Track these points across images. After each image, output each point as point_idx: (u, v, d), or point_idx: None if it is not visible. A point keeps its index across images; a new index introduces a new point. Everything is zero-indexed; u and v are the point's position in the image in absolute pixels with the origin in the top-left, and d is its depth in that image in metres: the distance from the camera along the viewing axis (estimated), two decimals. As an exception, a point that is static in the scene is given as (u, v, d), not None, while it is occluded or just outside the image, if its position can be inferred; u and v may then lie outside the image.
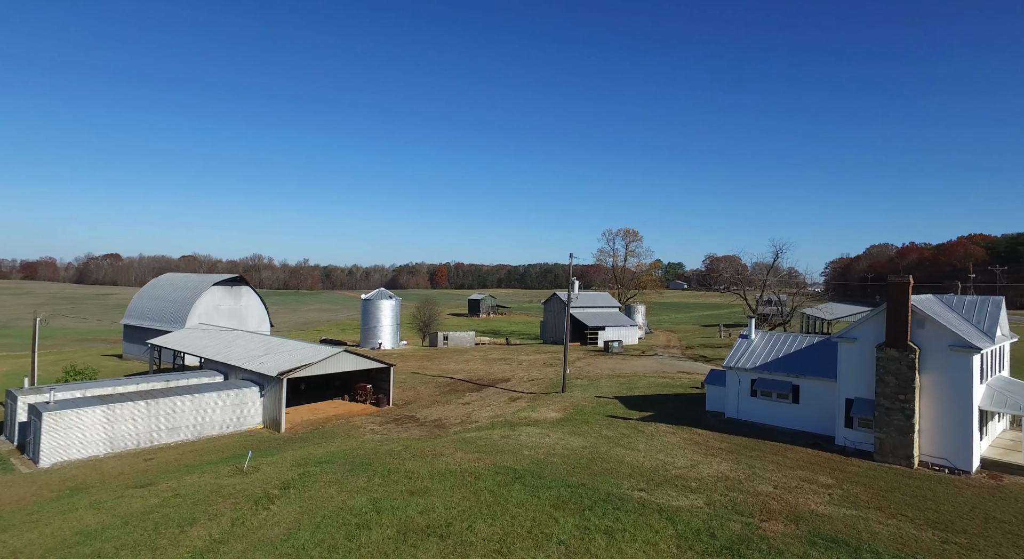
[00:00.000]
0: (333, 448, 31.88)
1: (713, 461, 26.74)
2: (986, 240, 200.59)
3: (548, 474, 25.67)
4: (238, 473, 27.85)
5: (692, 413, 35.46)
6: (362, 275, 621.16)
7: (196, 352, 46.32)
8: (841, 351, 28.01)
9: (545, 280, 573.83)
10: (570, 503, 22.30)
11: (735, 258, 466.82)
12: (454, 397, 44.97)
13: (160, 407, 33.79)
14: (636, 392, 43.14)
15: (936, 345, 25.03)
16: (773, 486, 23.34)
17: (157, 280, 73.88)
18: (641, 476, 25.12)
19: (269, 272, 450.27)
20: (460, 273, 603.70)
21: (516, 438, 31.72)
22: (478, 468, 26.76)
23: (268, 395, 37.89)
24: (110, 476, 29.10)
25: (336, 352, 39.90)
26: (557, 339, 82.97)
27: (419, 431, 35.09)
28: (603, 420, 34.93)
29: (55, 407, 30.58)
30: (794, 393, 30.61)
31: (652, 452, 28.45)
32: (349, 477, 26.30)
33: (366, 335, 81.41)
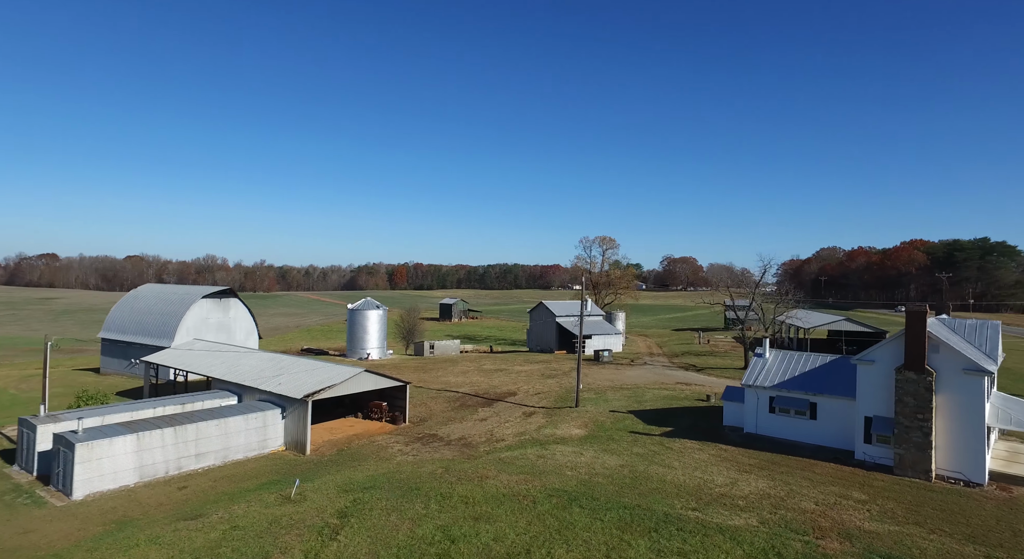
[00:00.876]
0: (371, 471, 32.15)
1: (749, 478, 28.52)
2: (925, 245, 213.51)
3: (599, 495, 26.87)
4: (285, 501, 27.92)
5: (710, 428, 37.34)
6: (319, 276, 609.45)
7: (203, 371, 45.44)
8: (860, 373, 30.26)
9: (505, 281, 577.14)
10: (633, 525, 23.55)
11: (691, 259, 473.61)
12: (468, 413, 45.62)
13: (188, 433, 33.31)
14: (647, 406, 44.84)
15: (950, 368, 27.47)
16: (814, 503, 25.21)
17: (137, 292, 71.35)
18: (688, 495, 26.62)
19: (223, 273, 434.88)
20: (419, 273, 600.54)
21: (552, 458, 32.78)
22: (529, 490, 27.72)
23: (290, 417, 37.73)
24: (149, 507, 28.62)
25: (357, 372, 40.03)
26: (544, 348, 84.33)
27: (450, 451, 35.68)
28: (628, 437, 36.39)
29: (86, 437, 29.82)
30: (811, 410, 32.78)
31: (688, 469, 30.04)
32: (404, 503, 26.82)
33: (353, 345, 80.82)
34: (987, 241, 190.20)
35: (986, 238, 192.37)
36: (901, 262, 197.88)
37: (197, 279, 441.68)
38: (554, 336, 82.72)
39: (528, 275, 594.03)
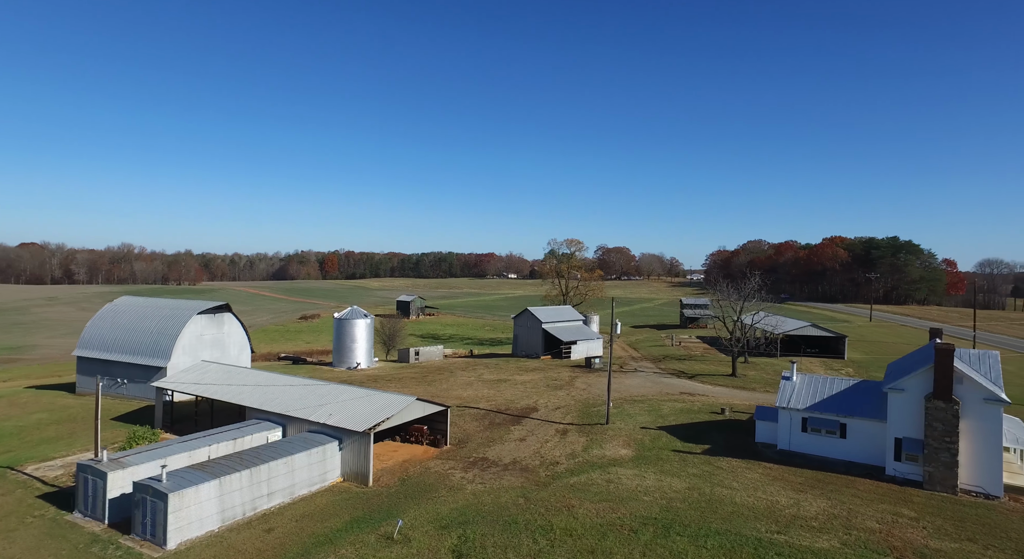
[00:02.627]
0: (451, 504, 33.32)
1: (808, 498, 32.17)
2: (845, 242, 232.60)
3: (688, 521, 29.62)
4: (389, 542, 28.84)
5: (744, 445, 41.10)
6: (245, 265, 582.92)
7: (232, 399, 44.52)
8: (891, 399, 34.61)
9: (439, 269, 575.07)
10: (735, 552, 26.45)
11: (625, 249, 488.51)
12: (501, 432, 47.25)
13: (261, 473, 33.23)
14: (670, 421, 48.23)
15: (972, 397, 32.17)
16: (876, 522, 29.11)
17: (114, 307, 67.26)
18: (765, 517, 29.87)
19: (143, 264, 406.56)
20: (351, 262, 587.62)
21: (620, 482, 35.26)
22: (622, 519, 30.08)
23: (347, 449, 38.11)
24: (247, 553, 28.63)
25: (410, 402, 40.81)
26: (529, 353, 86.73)
27: (513, 478, 37.33)
28: (675, 457, 39.47)
29: (174, 485, 29.37)
30: (841, 430, 37.03)
31: (749, 490, 33.40)
32: (511, 539, 28.48)
33: (341, 355, 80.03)
34: (897, 240, 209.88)
35: (896, 237, 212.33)
36: (825, 258, 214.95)
37: (112, 270, 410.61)
38: (540, 341, 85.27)
39: (463, 263, 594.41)
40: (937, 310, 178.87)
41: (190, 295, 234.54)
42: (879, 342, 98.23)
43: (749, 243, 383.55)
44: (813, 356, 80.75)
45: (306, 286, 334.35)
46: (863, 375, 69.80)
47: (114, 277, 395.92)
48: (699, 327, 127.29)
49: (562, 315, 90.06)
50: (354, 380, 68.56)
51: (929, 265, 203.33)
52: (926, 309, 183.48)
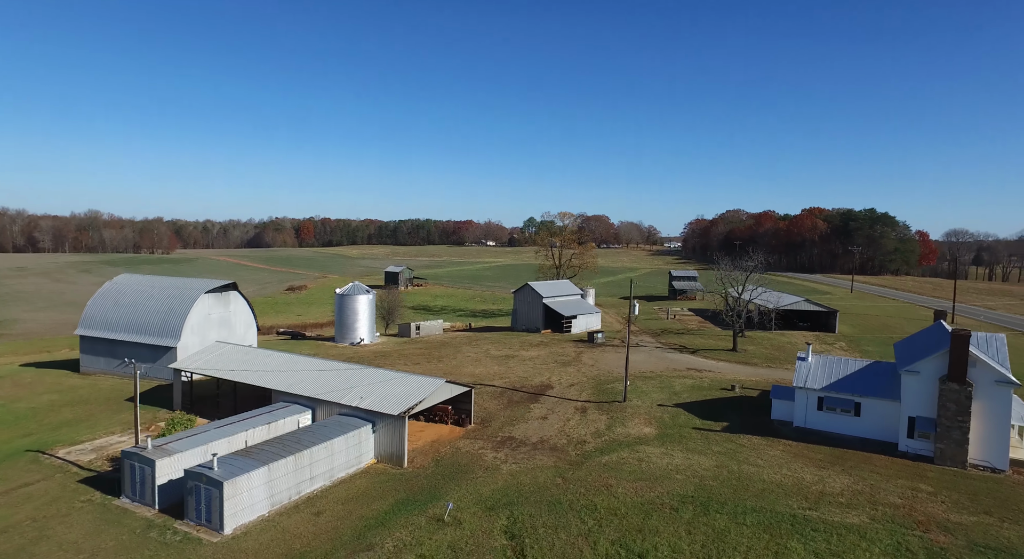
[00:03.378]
0: (492, 484, 34.43)
1: (830, 474, 34.13)
2: (824, 213, 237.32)
3: (724, 499, 31.27)
4: (440, 523, 29.91)
5: (761, 423, 43.03)
6: (219, 232, 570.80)
7: (256, 381, 44.67)
8: (906, 381, 36.53)
9: (417, 236, 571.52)
10: (774, 529, 28.19)
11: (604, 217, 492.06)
12: (522, 411, 48.43)
13: (304, 459, 33.84)
14: (684, 397, 49.99)
15: (985, 380, 34.19)
16: (899, 497, 31.16)
17: (115, 285, 65.87)
18: (795, 494, 31.70)
19: (112, 231, 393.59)
20: (327, 229, 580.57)
21: (650, 461, 36.81)
22: (661, 498, 31.63)
23: (380, 431, 38.85)
24: (305, 538, 29.38)
25: (440, 384, 41.54)
26: (529, 327, 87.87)
27: (544, 457, 38.59)
28: (696, 434, 41.19)
29: (227, 473, 29.85)
30: (856, 408, 39.03)
31: (774, 467, 35.25)
32: (559, 519, 29.80)
33: (343, 331, 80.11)
34: (874, 212, 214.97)
35: (873, 209, 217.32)
36: (805, 229, 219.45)
37: (79, 237, 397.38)
38: (541, 316, 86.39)
39: (441, 231, 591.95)
40: (911, 281, 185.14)
41: (166, 265, 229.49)
42: (865, 315, 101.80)
43: (728, 213, 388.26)
44: (805, 330, 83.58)
45: (285, 254, 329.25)
46: (855, 348, 72.78)
47: (81, 245, 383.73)
48: (688, 299, 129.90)
49: (561, 290, 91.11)
50: (361, 357, 69.00)
51: (904, 236, 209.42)
52: (900, 279, 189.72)
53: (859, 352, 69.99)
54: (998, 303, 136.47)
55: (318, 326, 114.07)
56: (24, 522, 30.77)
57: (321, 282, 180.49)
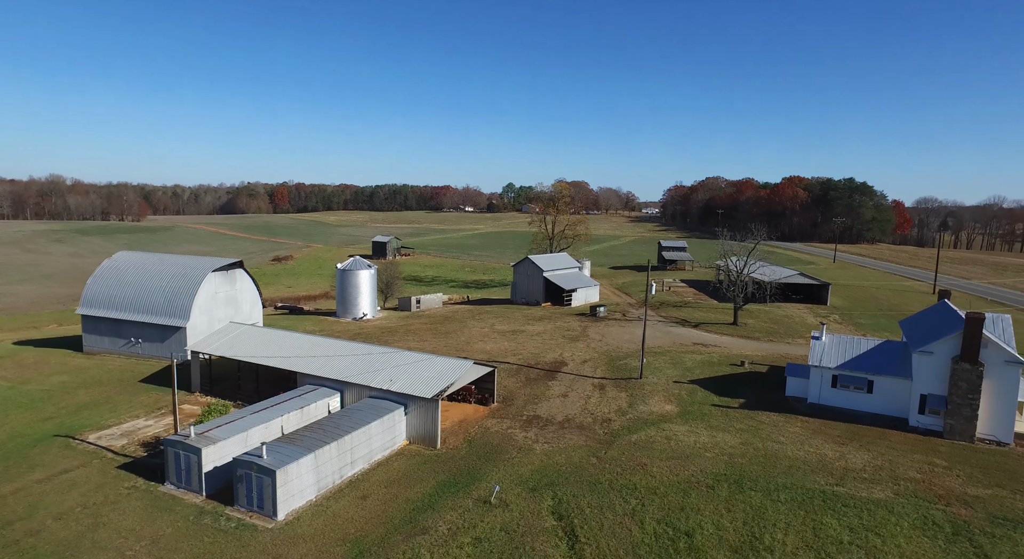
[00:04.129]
0: (529, 465, 35.48)
1: (850, 450, 36.06)
2: (804, 182, 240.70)
3: (756, 477, 32.93)
4: (487, 505, 30.98)
5: (775, 399, 44.85)
6: (190, 198, 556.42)
7: (280, 364, 44.76)
8: (919, 360, 38.40)
9: (395, 202, 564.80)
10: (808, 505, 29.92)
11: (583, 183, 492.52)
12: (540, 388, 49.46)
13: (345, 444, 34.43)
14: (696, 374, 51.61)
15: (995, 360, 36.15)
16: (917, 472, 33.19)
17: (115, 264, 64.24)
18: (820, 470, 33.50)
19: (79, 197, 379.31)
20: (302, 194, 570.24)
21: (677, 439, 38.31)
22: (696, 476, 33.15)
23: (412, 414, 39.53)
24: (355, 521, 30.14)
25: (469, 366, 42.23)
26: (529, 301, 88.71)
27: (574, 436, 39.77)
28: (716, 412, 42.83)
29: (277, 461, 30.34)
30: (869, 386, 40.95)
31: (797, 444, 37.04)
32: (602, 499, 31.11)
33: (345, 306, 79.93)
34: (853, 181, 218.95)
35: (852, 178, 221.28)
36: (786, 198, 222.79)
37: (41, 203, 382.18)
38: (541, 289, 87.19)
39: (418, 196, 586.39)
40: (888, 250, 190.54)
41: (143, 234, 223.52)
42: (852, 287, 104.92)
43: (707, 179, 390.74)
44: (798, 302, 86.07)
45: (264, 222, 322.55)
46: (848, 321, 75.43)
47: (45, 211, 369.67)
48: (678, 269, 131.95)
49: (560, 263, 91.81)
50: (367, 333, 69.20)
51: (881, 206, 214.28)
52: (877, 248, 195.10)
53: (853, 325, 72.65)
54: (970, 271, 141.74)
55: (311, 299, 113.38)
56: (75, 508, 30.99)
57: (306, 252, 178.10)
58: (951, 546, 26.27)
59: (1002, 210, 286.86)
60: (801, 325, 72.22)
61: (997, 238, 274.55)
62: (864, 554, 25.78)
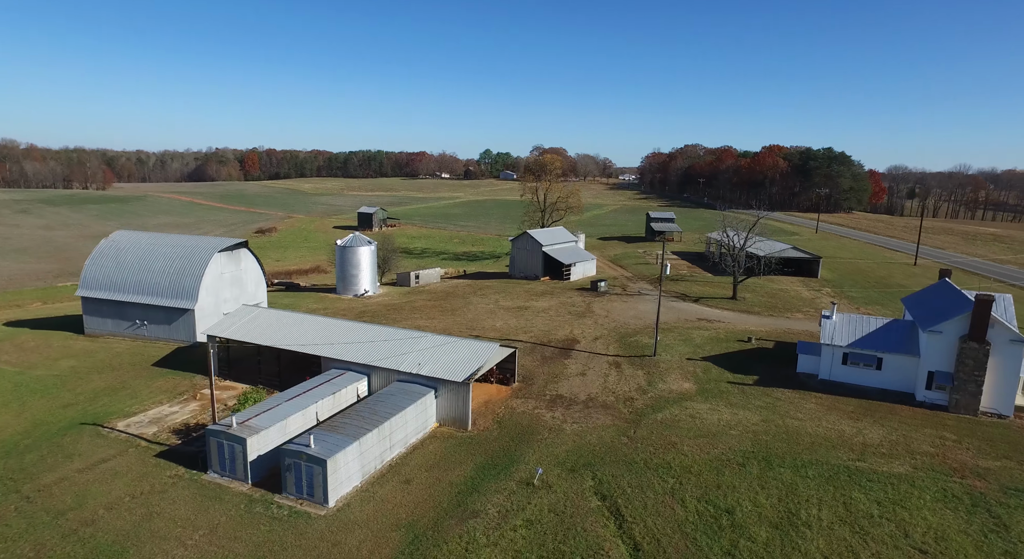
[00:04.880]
0: (563, 446, 36.58)
1: (865, 425, 38.07)
2: (783, 151, 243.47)
3: (782, 454, 34.65)
4: (531, 488, 32.10)
5: (787, 375, 46.71)
6: (156, 164, 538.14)
7: (303, 349, 44.76)
8: (929, 339, 40.37)
9: (369, 168, 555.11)
10: (834, 480, 31.75)
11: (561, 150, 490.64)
12: (557, 367, 50.48)
13: (385, 430, 35.03)
14: (707, 350, 53.24)
15: (1001, 339, 38.25)
16: (930, 446, 35.33)
17: (114, 244, 62.38)
18: (841, 446, 35.39)
19: (36, 164, 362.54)
20: (273, 161, 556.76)
21: (700, 418, 39.87)
22: (726, 455, 34.76)
23: (443, 397, 40.22)
24: (404, 505, 30.92)
25: (495, 348, 42.87)
26: (528, 275, 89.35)
27: (600, 416, 40.94)
28: (733, 389, 44.51)
29: (326, 450, 30.85)
30: (878, 363, 42.97)
31: (814, 420, 38.92)
32: (642, 479, 32.50)
33: (346, 283, 79.53)
34: (832, 151, 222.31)
35: (831, 148, 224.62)
36: (766, 167, 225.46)
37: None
38: (540, 264, 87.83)
39: (394, 163, 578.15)
40: (864, 219, 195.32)
41: (114, 204, 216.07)
42: (839, 259, 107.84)
43: (686, 147, 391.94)
44: (790, 275, 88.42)
45: (236, 190, 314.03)
46: (840, 294, 78.02)
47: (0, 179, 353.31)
48: (667, 240, 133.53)
49: (558, 237, 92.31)
50: (373, 311, 69.24)
51: (858, 175, 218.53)
52: (854, 218, 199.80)
53: (846, 299, 75.22)
54: (944, 241, 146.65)
55: (302, 273, 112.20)
56: (124, 498, 31.18)
57: (288, 223, 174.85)
58: (972, 517, 28.36)
59: (967, 177, 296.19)
60: (797, 299, 74.54)
61: (961, 205, 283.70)
62: (895, 527, 27.68)
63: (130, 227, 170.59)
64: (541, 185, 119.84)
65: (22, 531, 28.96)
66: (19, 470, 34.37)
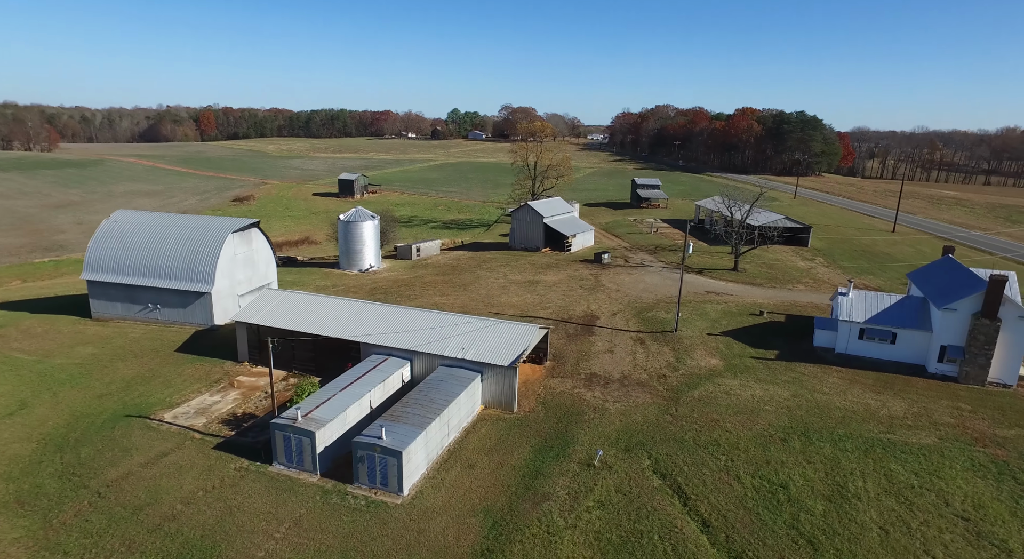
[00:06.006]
0: (611, 426, 38.17)
1: (887, 398, 40.90)
2: (757, 114, 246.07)
3: (819, 428, 37.12)
4: (593, 469, 33.76)
5: (805, 349, 49.27)
6: (103, 123, 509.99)
7: (341, 334, 44.91)
8: (943, 316, 43.16)
9: (332, 128, 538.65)
10: (871, 453, 34.41)
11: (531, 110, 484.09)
12: (583, 344, 51.85)
13: (444, 417, 36.03)
14: (723, 325, 55.42)
15: (1010, 315, 41.24)
16: (950, 417, 38.34)
17: (117, 225, 59.79)
18: (869, 419, 38.09)
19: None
20: (231, 120, 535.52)
21: (734, 394, 42.07)
22: (767, 430, 37.05)
23: (488, 380, 41.24)
24: (475, 490, 32.23)
25: (536, 330, 43.88)
26: (528, 246, 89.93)
27: (639, 394, 42.65)
28: (758, 365, 46.81)
29: (397, 442, 31.72)
30: (892, 338, 45.78)
31: (840, 394, 41.54)
32: (695, 457, 34.51)
33: (349, 257, 78.81)
34: (804, 114, 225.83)
35: (803, 111, 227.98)
36: (741, 130, 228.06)
37: None
38: (541, 236, 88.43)
39: (358, 122, 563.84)
40: (836, 183, 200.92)
41: (71, 170, 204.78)
42: (823, 226, 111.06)
43: (657, 108, 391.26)
44: (781, 244, 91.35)
45: (197, 152, 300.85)
46: (833, 263, 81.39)
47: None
48: (653, 207, 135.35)
49: (557, 208, 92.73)
50: (384, 287, 69.16)
51: (829, 139, 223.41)
52: (825, 181, 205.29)
53: (838, 268, 78.62)
54: (912, 206, 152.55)
55: (293, 245, 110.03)
56: (198, 493, 31.58)
57: (264, 190, 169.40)
58: (1001, 485, 31.36)
59: (923, 138, 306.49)
60: (794, 270, 77.49)
61: (918, 166, 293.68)
62: (935, 496, 30.45)
63: (96, 195, 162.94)
64: (531, 149, 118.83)
65: (104, 526, 29.26)
66: (79, 465, 34.27)
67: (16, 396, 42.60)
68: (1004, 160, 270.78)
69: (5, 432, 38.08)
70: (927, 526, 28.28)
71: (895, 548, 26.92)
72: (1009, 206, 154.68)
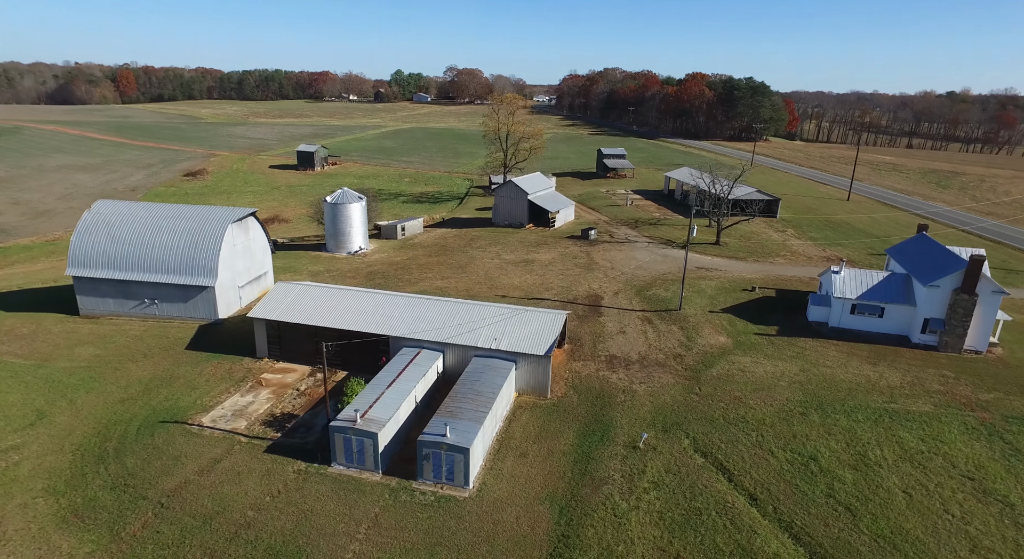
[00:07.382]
0: (643, 408, 40.71)
1: (882, 369, 45.12)
2: (707, 80, 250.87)
3: (832, 401, 40.82)
4: (639, 451, 36.26)
5: (801, 324, 53.12)
6: (3, 82, 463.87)
7: (368, 328, 45.14)
8: (927, 292, 47.60)
9: (268, 90, 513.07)
10: (881, 422, 38.39)
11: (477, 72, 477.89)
12: (595, 326, 53.89)
13: (494, 410, 37.50)
14: (721, 302, 58.69)
15: (986, 291, 46.01)
16: (939, 384, 42.90)
17: (101, 217, 55.94)
18: (872, 391, 42.14)
19: None
20: (153, 81, 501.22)
21: (748, 371, 45.32)
22: (786, 406, 40.48)
23: (522, 368, 42.80)
24: (533, 478, 33.99)
25: (563, 317, 45.51)
26: (512, 223, 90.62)
27: (661, 375, 45.10)
28: (763, 341, 50.27)
29: (461, 438, 33.02)
30: (881, 312, 50.15)
31: (842, 367, 45.49)
32: (728, 434, 37.51)
33: (337, 240, 77.51)
34: (753, 80, 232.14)
35: (752, 77, 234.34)
36: (693, 96, 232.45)
37: None
38: (525, 212, 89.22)
39: (295, 83, 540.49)
40: (785, 150, 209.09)
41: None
42: (786, 196, 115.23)
43: (606, 70, 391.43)
44: (749, 216, 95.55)
45: (124, 117, 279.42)
46: (803, 235, 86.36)
47: None
48: (620, 177, 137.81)
49: (539, 184, 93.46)
50: (379, 270, 68.86)
51: (776, 105, 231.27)
52: (774, 147, 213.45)
53: (808, 239, 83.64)
54: (857, 173, 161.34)
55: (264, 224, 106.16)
56: (264, 498, 32.02)
57: (216, 163, 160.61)
58: (992, 445, 35.90)
59: (855, 101, 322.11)
60: (771, 243, 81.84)
61: (850, 129, 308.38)
62: (942, 459, 34.62)
63: (25, 170, 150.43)
64: (503, 122, 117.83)
65: (177, 537, 29.49)
66: (128, 476, 33.89)
67: (30, 405, 41.01)
68: (922, 122, 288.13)
69: (33, 444, 36.93)
70: (942, 487, 32.33)
71: (920, 509, 30.77)
72: (937, 171, 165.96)
